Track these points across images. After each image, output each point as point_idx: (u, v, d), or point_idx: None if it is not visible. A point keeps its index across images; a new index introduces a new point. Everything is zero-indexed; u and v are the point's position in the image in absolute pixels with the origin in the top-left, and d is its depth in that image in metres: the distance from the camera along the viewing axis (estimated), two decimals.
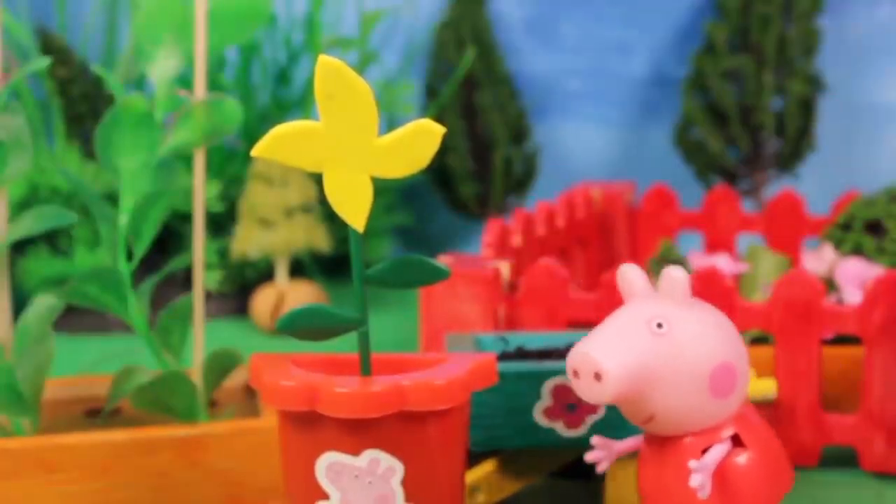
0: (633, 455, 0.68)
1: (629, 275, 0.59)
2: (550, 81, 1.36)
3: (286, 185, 1.12)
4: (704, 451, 0.57)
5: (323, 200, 1.10)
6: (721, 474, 0.57)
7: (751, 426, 0.58)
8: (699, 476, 0.55)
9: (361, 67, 1.26)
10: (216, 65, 1.22)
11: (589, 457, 0.61)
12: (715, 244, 1.11)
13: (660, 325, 0.56)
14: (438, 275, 0.56)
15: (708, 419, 0.56)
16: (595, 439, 0.61)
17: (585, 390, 0.55)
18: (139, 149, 0.68)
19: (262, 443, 0.68)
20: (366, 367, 0.57)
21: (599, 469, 0.61)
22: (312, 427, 0.55)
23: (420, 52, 1.35)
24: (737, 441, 0.57)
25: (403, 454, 0.55)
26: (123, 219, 0.68)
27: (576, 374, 0.55)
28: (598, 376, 0.54)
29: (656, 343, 0.55)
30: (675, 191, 1.13)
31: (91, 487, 0.66)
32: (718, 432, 0.57)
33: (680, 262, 0.94)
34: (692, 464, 0.55)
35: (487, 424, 0.66)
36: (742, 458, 0.57)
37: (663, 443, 0.57)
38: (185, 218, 1.12)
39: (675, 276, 0.56)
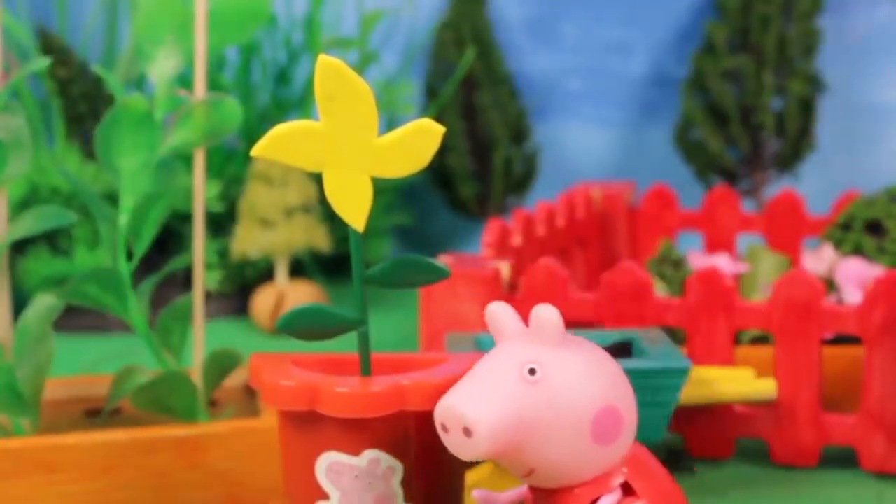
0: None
1: (498, 314, 0.53)
2: (550, 81, 1.36)
3: (286, 185, 1.12)
4: (593, 502, 0.52)
5: (323, 200, 1.10)
6: None
7: (643, 471, 0.53)
8: None
9: (361, 67, 1.26)
10: (216, 65, 1.22)
11: None
12: (715, 244, 1.11)
13: (532, 372, 0.50)
14: (438, 275, 0.56)
15: (593, 469, 0.51)
16: (476, 493, 0.56)
17: (456, 446, 0.50)
18: (139, 149, 0.68)
19: (262, 443, 0.68)
20: (366, 367, 0.57)
21: None
22: (312, 427, 0.55)
23: (420, 52, 1.35)
24: (629, 489, 0.52)
25: (403, 454, 0.55)
26: (123, 219, 0.68)
27: (444, 428, 0.50)
28: (467, 431, 0.49)
29: (530, 391, 0.50)
30: (675, 191, 1.13)
31: (91, 487, 0.66)
32: (607, 481, 0.52)
33: (680, 262, 0.94)
34: None
35: None
36: None
37: (549, 495, 0.53)
38: (185, 218, 1.12)
39: (544, 315, 0.51)
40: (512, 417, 0.50)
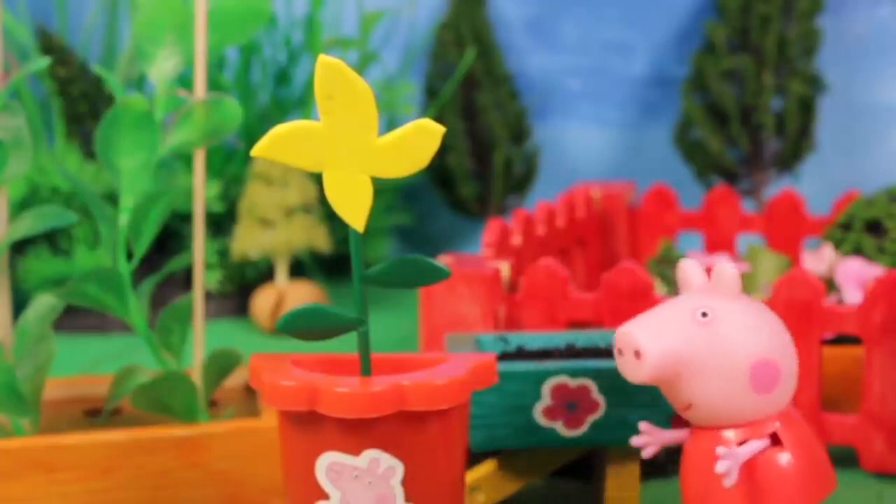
0: (632, 455, 0.68)
1: (687, 268, 0.59)
2: (550, 81, 1.36)
3: (286, 185, 1.12)
4: (741, 444, 0.57)
5: (323, 200, 1.10)
6: (756, 471, 0.57)
7: (794, 428, 0.58)
8: (726, 463, 0.55)
9: (361, 67, 1.26)
10: (216, 65, 1.22)
11: (635, 440, 0.61)
12: (715, 244, 1.11)
13: (704, 315, 0.56)
14: (438, 275, 0.56)
15: (747, 413, 0.57)
16: (643, 425, 0.61)
17: (626, 368, 0.57)
18: (139, 149, 0.68)
19: (262, 443, 0.68)
20: (366, 367, 0.57)
21: (645, 455, 0.61)
22: (312, 427, 0.55)
23: (420, 52, 1.35)
24: (777, 441, 0.57)
25: (403, 454, 0.55)
26: (123, 219, 0.68)
27: (619, 352, 0.57)
28: (638, 354, 0.56)
29: (699, 331, 0.56)
30: (675, 191, 1.13)
31: (91, 487, 0.66)
32: (759, 428, 0.57)
33: (680, 261, 0.94)
34: (720, 450, 0.56)
35: (487, 424, 0.66)
36: (779, 457, 0.57)
37: (704, 435, 0.58)
38: (185, 218, 1.12)
39: (725, 270, 0.57)
40: (679, 350, 0.56)
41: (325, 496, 0.55)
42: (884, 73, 1.29)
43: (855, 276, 0.86)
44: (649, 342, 0.56)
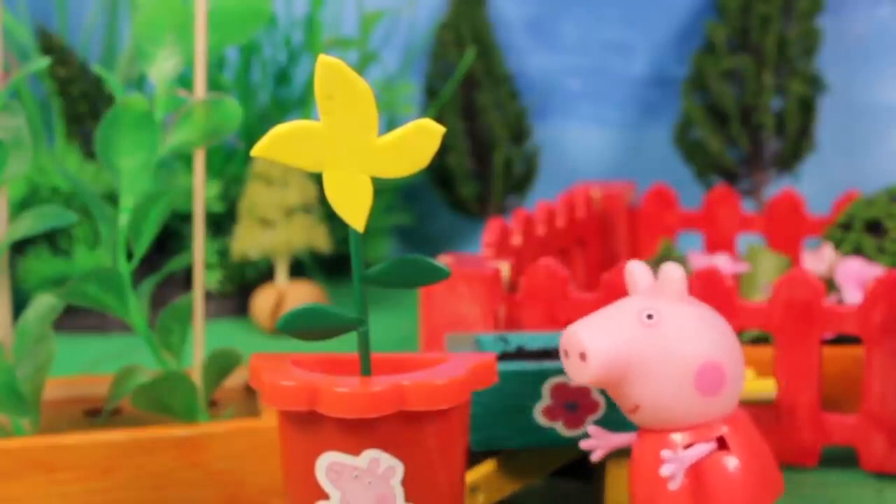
0: None
1: (635, 271, 0.60)
2: (550, 81, 1.36)
3: (286, 185, 1.12)
4: (688, 447, 0.57)
5: (323, 200, 1.10)
6: (702, 475, 0.57)
7: (742, 431, 0.58)
8: (671, 466, 0.56)
9: (361, 67, 1.26)
10: (216, 65, 1.22)
11: (584, 444, 0.62)
12: (715, 244, 1.11)
13: (650, 316, 0.57)
14: (438, 275, 0.56)
15: (694, 416, 0.57)
16: (591, 429, 0.62)
17: (572, 369, 0.57)
18: (139, 149, 0.68)
19: (262, 443, 0.68)
20: (366, 367, 0.57)
21: (593, 458, 0.62)
22: (312, 427, 0.55)
23: (420, 52, 1.35)
24: (724, 444, 0.58)
25: (403, 454, 0.55)
26: (123, 219, 0.68)
27: (565, 353, 0.57)
28: (583, 356, 0.56)
29: (644, 332, 0.56)
30: (675, 191, 1.13)
31: (91, 487, 0.66)
32: (706, 431, 0.57)
33: (680, 262, 0.94)
34: (665, 453, 0.56)
35: (487, 424, 0.66)
36: (726, 461, 0.57)
37: (651, 438, 0.58)
38: (185, 218, 1.12)
39: (671, 272, 0.57)
40: (624, 352, 0.56)
41: (325, 496, 0.55)
42: (884, 73, 1.29)
43: (855, 276, 0.86)
44: (594, 343, 0.56)
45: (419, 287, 0.61)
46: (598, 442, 0.61)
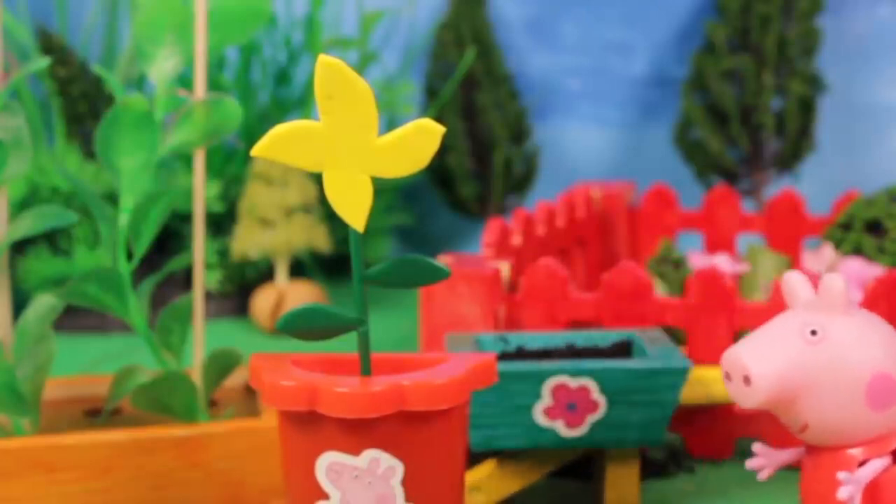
0: (632, 455, 0.68)
1: (793, 282, 0.57)
2: (550, 81, 1.36)
3: (286, 185, 1.12)
4: (862, 464, 0.55)
5: (323, 200, 1.10)
6: (879, 491, 0.55)
7: None
8: (848, 488, 0.54)
9: (361, 67, 1.26)
10: (216, 65, 1.22)
11: (750, 464, 0.60)
12: (715, 244, 1.11)
13: (814, 333, 0.55)
14: (438, 275, 0.56)
15: (866, 432, 0.55)
16: (757, 447, 0.59)
17: (737, 394, 0.55)
18: (139, 149, 0.68)
19: (262, 443, 0.68)
20: (366, 367, 0.57)
21: (761, 477, 0.59)
22: (312, 427, 0.55)
23: (420, 52, 1.35)
24: None
25: (403, 454, 0.55)
26: (123, 219, 0.68)
27: (727, 376, 0.55)
28: (747, 380, 0.54)
29: (809, 350, 0.54)
30: (675, 191, 1.13)
31: (91, 487, 0.66)
32: (880, 446, 0.55)
33: (680, 262, 0.94)
34: (841, 475, 0.54)
35: (487, 424, 0.66)
36: None
37: (822, 454, 0.56)
38: (185, 218, 1.12)
39: (832, 284, 0.55)
40: (789, 373, 0.54)
41: (325, 496, 0.55)
42: (884, 73, 1.29)
43: (855, 276, 0.86)
44: (758, 367, 0.54)
45: (419, 287, 0.61)
46: (765, 461, 0.59)
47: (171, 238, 1.15)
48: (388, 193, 1.31)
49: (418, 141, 0.52)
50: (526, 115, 1.31)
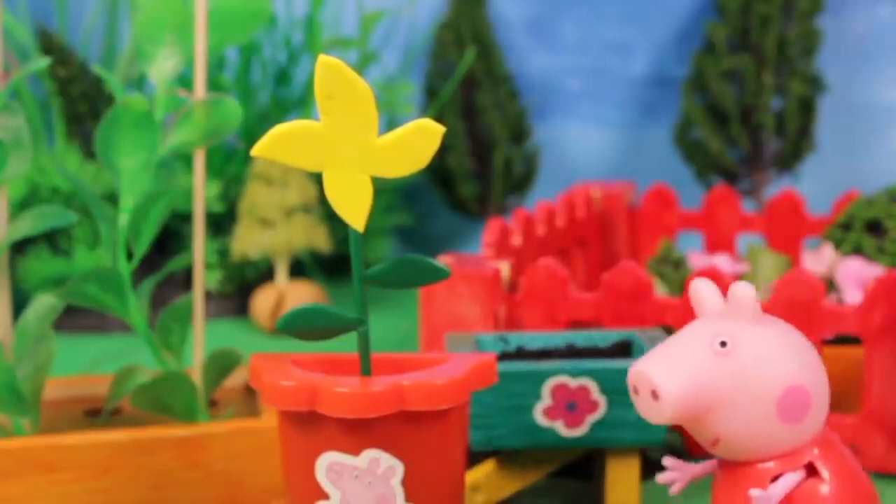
0: (632, 455, 0.68)
1: (702, 290, 0.55)
2: (550, 81, 1.36)
3: (286, 185, 1.12)
4: (775, 479, 0.53)
5: (323, 200, 1.10)
6: None
7: (832, 454, 0.54)
8: None
9: (361, 67, 1.26)
10: (216, 65, 1.22)
11: (661, 478, 0.58)
12: (715, 244, 1.11)
13: (723, 344, 0.52)
14: (438, 275, 0.56)
15: (778, 446, 0.53)
16: (668, 461, 0.58)
17: (644, 409, 0.53)
18: (139, 149, 0.68)
19: (262, 443, 0.68)
20: (366, 367, 0.57)
21: (672, 491, 0.58)
22: (312, 427, 0.55)
23: (420, 52, 1.35)
24: (814, 471, 0.54)
25: (403, 454, 0.55)
26: (123, 219, 0.68)
27: (635, 390, 0.53)
28: (655, 395, 0.52)
29: (718, 362, 0.52)
30: (675, 191, 1.13)
31: (91, 487, 0.66)
32: (793, 460, 0.53)
33: (680, 262, 0.94)
34: (753, 492, 0.52)
35: (487, 424, 0.66)
36: (818, 488, 0.53)
37: (735, 468, 0.54)
38: (185, 218, 1.12)
39: (741, 292, 0.53)
40: (698, 386, 0.51)
41: (325, 496, 0.55)
42: (884, 73, 1.29)
43: (855, 276, 0.86)
44: (666, 381, 0.51)
45: (419, 287, 0.61)
46: (678, 474, 0.58)
47: (171, 238, 1.15)
48: (388, 193, 1.31)
49: (418, 141, 0.52)
50: (526, 115, 1.31)
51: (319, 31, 1.24)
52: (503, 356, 0.69)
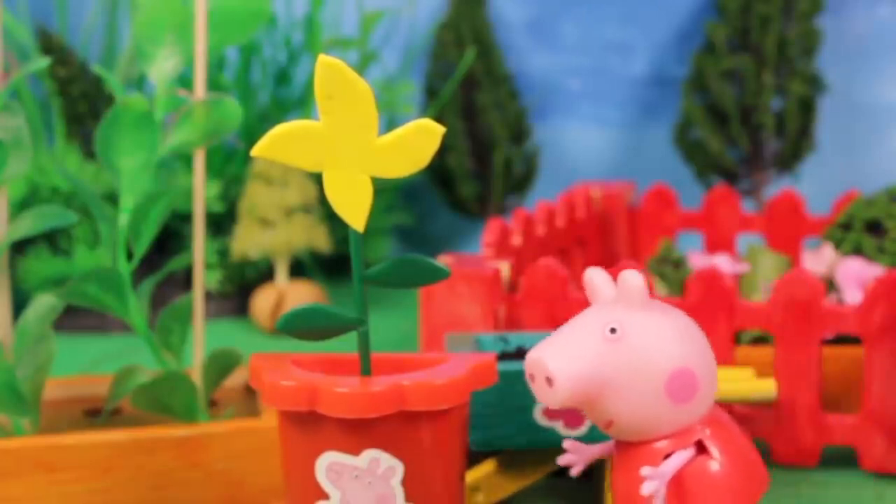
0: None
1: (595, 280, 0.58)
2: (550, 81, 1.36)
3: (286, 185, 1.12)
4: (667, 457, 0.55)
5: (323, 200, 1.10)
6: (685, 481, 0.56)
7: (721, 431, 0.56)
8: (652, 483, 0.54)
9: (361, 67, 1.26)
10: (216, 65, 1.22)
11: (561, 460, 0.60)
12: (715, 244, 1.11)
13: (613, 331, 0.55)
14: (438, 275, 0.56)
15: (668, 426, 0.55)
16: (567, 443, 0.60)
17: (540, 394, 0.55)
18: (139, 149, 0.68)
19: (262, 443, 0.68)
20: (366, 367, 0.57)
21: (573, 473, 0.60)
22: (312, 427, 0.55)
23: (420, 52, 1.35)
24: (704, 448, 0.56)
25: (403, 454, 0.55)
26: (123, 219, 0.68)
27: (531, 377, 0.55)
28: (549, 381, 0.54)
29: (609, 348, 0.55)
30: (675, 191, 1.13)
31: (91, 487, 0.66)
32: (683, 438, 0.56)
33: (680, 262, 0.94)
34: (644, 471, 0.54)
35: (487, 424, 0.66)
36: (707, 465, 0.56)
37: (629, 449, 0.57)
38: (185, 218, 1.12)
39: (630, 280, 0.55)
40: (590, 371, 0.54)
41: (325, 496, 0.55)
42: (884, 73, 1.29)
43: (855, 276, 0.86)
44: (559, 367, 0.54)
45: (419, 287, 0.61)
46: (575, 457, 0.60)
47: (171, 238, 1.15)
48: (388, 193, 1.31)
49: (418, 141, 0.53)
50: (526, 115, 1.31)
51: (319, 31, 1.24)
52: (503, 356, 0.69)
